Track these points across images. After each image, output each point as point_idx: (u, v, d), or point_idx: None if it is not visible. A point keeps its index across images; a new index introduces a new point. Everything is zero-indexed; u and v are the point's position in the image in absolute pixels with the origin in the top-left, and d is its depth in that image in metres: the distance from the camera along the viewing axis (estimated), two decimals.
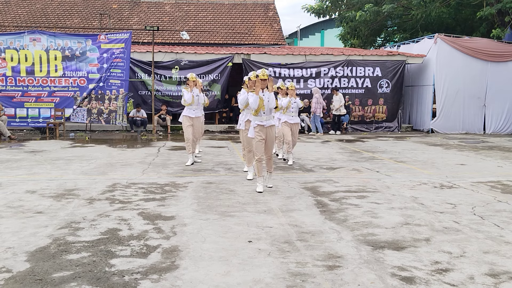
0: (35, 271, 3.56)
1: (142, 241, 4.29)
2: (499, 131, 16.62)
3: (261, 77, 6.33)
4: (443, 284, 3.43)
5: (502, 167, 8.98)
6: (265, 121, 6.46)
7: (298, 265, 3.76)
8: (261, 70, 6.43)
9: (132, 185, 6.84)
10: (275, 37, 20.56)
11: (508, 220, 5.18)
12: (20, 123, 14.26)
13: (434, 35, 16.57)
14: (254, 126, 6.50)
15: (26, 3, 21.30)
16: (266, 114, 6.47)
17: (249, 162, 7.51)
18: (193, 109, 8.74)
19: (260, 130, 6.47)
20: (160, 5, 22.21)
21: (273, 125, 6.60)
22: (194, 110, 8.74)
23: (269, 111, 6.49)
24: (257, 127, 6.47)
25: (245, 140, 7.52)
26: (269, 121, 6.53)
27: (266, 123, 6.47)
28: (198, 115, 8.87)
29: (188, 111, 8.70)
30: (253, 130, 6.52)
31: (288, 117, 9.08)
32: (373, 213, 5.41)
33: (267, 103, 6.44)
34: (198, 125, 8.92)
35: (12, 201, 5.75)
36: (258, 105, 6.35)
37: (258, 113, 6.44)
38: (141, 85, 15.67)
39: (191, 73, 8.96)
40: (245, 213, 5.34)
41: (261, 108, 6.38)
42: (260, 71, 6.40)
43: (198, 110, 8.86)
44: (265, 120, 6.46)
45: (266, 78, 6.35)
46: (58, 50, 14.29)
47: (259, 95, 6.35)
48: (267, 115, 6.48)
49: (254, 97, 6.37)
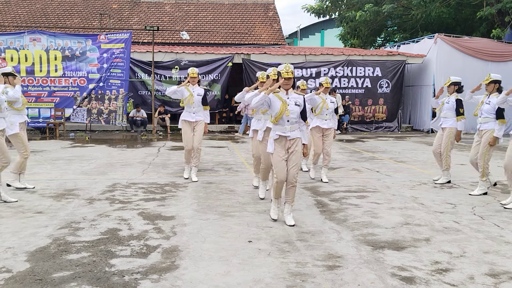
0: (35, 271, 3.56)
1: (142, 241, 4.29)
2: None
3: (284, 76, 4.81)
4: (443, 284, 3.42)
5: (502, 167, 8.97)
6: (289, 131, 4.90)
7: (298, 265, 3.76)
8: (284, 65, 4.87)
9: (132, 185, 6.84)
10: (275, 37, 20.56)
11: (508, 220, 5.18)
12: None
13: (434, 35, 16.57)
14: (275, 138, 4.93)
15: (26, 3, 21.30)
16: (291, 122, 4.89)
17: (264, 176, 6.15)
18: (193, 112, 7.27)
19: (281, 144, 4.92)
20: (160, 5, 22.21)
21: (299, 138, 4.96)
22: (194, 113, 7.28)
23: (295, 119, 4.92)
24: (278, 140, 4.93)
25: (263, 154, 5.89)
26: (295, 132, 4.94)
27: (290, 134, 4.90)
28: (199, 118, 7.36)
29: (187, 115, 7.30)
30: (272, 143, 4.95)
31: (320, 120, 7.33)
32: (373, 213, 5.41)
33: (295, 108, 4.90)
34: (198, 129, 7.37)
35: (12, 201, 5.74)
36: (280, 110, 4.84)
37: (279, 121, 4.89)
38: (141, 85, 15.68)
39: (192, 67, 7.49)
40: (245, 213, 5.34)
41: (284, 113, 4.84)
42: (283, 66, 4.86)
43: (199, 113, 7.34)
44: (289, 130, 4.90)
45: (291, 77, 4.83)
46: (58, 50, 14.29)
47: (281, 98, 4.87)
48: (292, 124, 4.90)
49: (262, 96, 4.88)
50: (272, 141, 4.95)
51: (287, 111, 4.84)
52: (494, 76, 6.76)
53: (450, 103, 7.32)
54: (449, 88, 7.43)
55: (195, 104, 7.23)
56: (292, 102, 4.90)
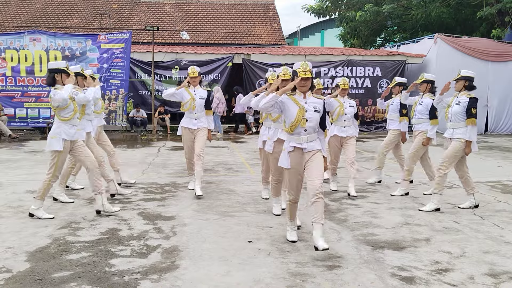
0: (35, 271, 3.56)
1: (142, 241, 4.29)
2: (499, 131, 16.62)
3: (301, 75, 4.09)
4: (443, 284, 3.42)
5: (502, 167, 8.98)
6: (306, 142, 4.19)
7: (298, 265, 3.76)
8: (301, 63, 4.19)
9: (132, 185, 6.83)
10: (275, 37, 20.56)
11: (508, 220, 5.18)
12: (20, 123, 14.25)
13: (434, 35, 16.56)
14: (289, 150, 4.21)
15: (26, 3, 21.30)
16: (308, 132, 4.18)
17: (276, 191, 5.38)
18: (195, 118, 6.35)
19: (297, 157, 4.21)
20: (160, 5, 22.21)
21: (319, 150, 4.23)
22: (196, 120, 6.35)
23: (313, 128, 4.19)
24: (293, 152, 4.21)
25: (273, 166, 5.17)
26: (312, 143, 4.22)
27: (307, 146, 4.19)
28: (201, 125, 6.39)
29: (188, 121, 6.39)
30: (287, 156, 4.22)
31: (338, 128, 6.55)
32: (373, 213, 5.41)
33: (314, 115, 4.16)
34: (200, 136, 6.38)
35: (12, 201, 5.75)
36: (296, 117, 4.11)
37: (295, 130, 4.16)
38: (141, 85, 15.67)
39: (192, 66, 6.59)
40: (245, 213, 5.34)
41: (300, 122, 4.11)
42: (300, 64, 4.19)
43: (201, 118, 6.41)
44: (306, 141, 4.18)
45: (309, 77, 4.14)
46: (58, 50, 14.27)
47: (298, 103, 4.15)
48: (309, 134, 4.18)
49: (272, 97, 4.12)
50: (286, 153, 4.21)
51: (304, 119, 4.11)
52: (427, 76, 6.48)
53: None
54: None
55: (197, 109, 6.31)
56: (311, 107, 4.15)
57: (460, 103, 5.63)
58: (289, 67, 4.81)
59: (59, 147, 4.97)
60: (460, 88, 5.78)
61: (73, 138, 5.10)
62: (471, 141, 5.53)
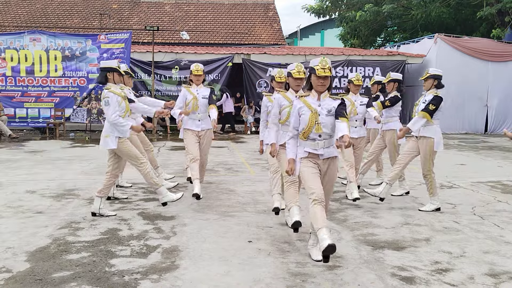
0: (35, 271, 3.56)
1: (142, 241, 4.29)
2: (499, 131, 16.62)
3: (320, 73, 3.63)
4: (443, 284, 3.42)
5: (502, 167, 8.98)
6: (322, 148, 3.75)
7: (298, 265, 3.76)
8: (320, 59, 3.69)
9: (132, 185, 6.83)
10: (275, 37, 20.56)
11: (508, 220, 5.18)
12: (20, 123, 14.25)
13: (434, 35, 16.57)
14: (303, 156, 3.79)
15: (26, 3, 21.30)
16: (323, 137, 3.73)
17: (290, 198, 4.57)
18: (198, 119, 5.92)
19: (312, 160, 3.78)
20: (160, 5, 22.21)
21: (336, 156, 3.84)
22: (199, 121, 5.93)
23: (329, 133, 3.74)
24: (306, 160, 3.78)
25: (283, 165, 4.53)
26: (330, 149, 3.78)
27: (324, 152, 3.75)
28: (205, 127, 5.98)
29: (191, 123, 5.92)
30: (298, 163, 3.84)
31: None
32: (373, 213, 5.41)
33: (328, 119, 3.70)
34: (205, 142, 6.02)
35: (12, 201, 5.75)
36: (308, 123, 3.69)
37: (309, 136, 3.74)
38: (141, 85, 15.68)
39: (196, 63, 6.20)
40: (245, 213, 5.34)
41: (314, 128, 3.69)
42: (319, 60, 3.68)
43: (205, 120, 5.99)
44: (322, 147, 3.74)
45: (328, 75, 3.68)
46: (58, 50, 14.27)
47: (311, 106, 3.71)
48: (325, 139, 3.74)
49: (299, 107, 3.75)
50: (298, 161, 3.82)
51: (317, 125, 3.66)
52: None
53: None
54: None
55: (201, 109, 5.90)
56: (324, 111, 3.71)
57: (427, 101, 5.52)
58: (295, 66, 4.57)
59: (114, 145, 5.05)
60: (429, 87, 5.64)
61: (126, 135, 5.18)
62: (409, 128, 5.41)
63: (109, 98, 5.01)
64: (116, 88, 5.18)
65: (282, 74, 5.04)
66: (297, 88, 4.52)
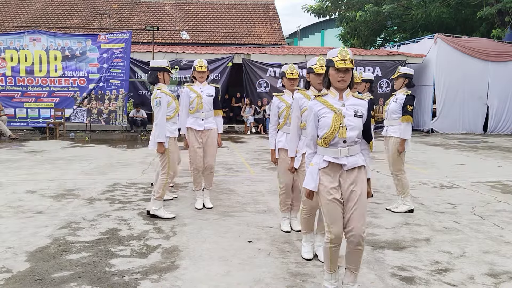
0: (35, 271, 3.56)
1: (142, 241, 4.29)
2: (499, 131, 16.64)
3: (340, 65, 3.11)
4: (443, 284, 3.43)
5: (502, 167, 8.98)
6: (345, 157, 3.06)
7: (298, 265, 3.76)
8: (339, 49, 3.19)
9: (132, 185, 6.83)
10: (275, 37, 20.57)
11: (508, 220, 5.18)
12: (20, 123, 14.26)
13: (434, 35, 16.58)
14: (321, 167, 3.09)
15: (26, 3, 21.31)
16: (348, 143, 3.06)
17: (307, 226, 3.95)
18: (202, 118, 5.51)
19: (331, 176, 3.07)
20: (160, 5, 22.22)
21: (362, 165, 3.10)
22: (203, 120, 5.52)
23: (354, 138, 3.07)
24: (325, 170, 3.09)
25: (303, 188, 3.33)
26: (355, 158, 3.08)
27: (347, 162, 3.05)
28: (209, 126, 5.56)
29: (193, 121, 5.53)
30: (316, 175, 3.09)
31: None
32: (373, 213, 5.41)
33: (356, 122, 3.06)
34: (210, 143, 5.57)
35: (12, 201, 5.75)
36: (331, 126, 3.04)
37: (331, 142, 3.06)
38: (141, 85, 15.68)
39: (200, 59, 5.79)
40: (245, 213, 5.34)
41: (338, 131, 3.03)
42: (337, 51, 3.18)
43: (209, 119, 5.56)
44: (346, 154, 3.06)
45: (350, 67, 3.16)
46: (58, 50, 14.28)
47: (333, 107, 3.07)
48: (350, 146, 3.06)
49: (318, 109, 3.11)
50: (316, 170, 3.09)
51: (343, 127, 3.03)
52: (365, 75, 6.12)
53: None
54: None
55: (205, 108, 5.49)
56: (350, 111, 3.07)
57: (397, 100, 5.47)
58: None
59: (166, 143, 5.10)
60: (400, 86, 5.55)
61: (175, 134, 5.20)
62: (405, 139, 5.35)
63: (160, 99, 5.01)
64: (166, 88, 5.17)
65: (294, 70, 4.42)
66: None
